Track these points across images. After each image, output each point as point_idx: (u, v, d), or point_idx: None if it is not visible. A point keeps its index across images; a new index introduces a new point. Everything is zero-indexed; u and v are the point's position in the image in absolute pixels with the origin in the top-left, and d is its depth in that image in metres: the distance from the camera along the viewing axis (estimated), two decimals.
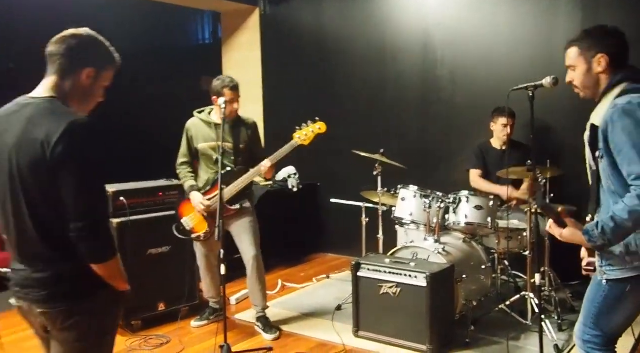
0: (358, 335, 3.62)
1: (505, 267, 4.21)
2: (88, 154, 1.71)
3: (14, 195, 1.75)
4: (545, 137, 4.61)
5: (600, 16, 4.39)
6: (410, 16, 5.24)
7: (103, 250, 1.77)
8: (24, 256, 1.82)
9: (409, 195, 4.06)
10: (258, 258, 3.74)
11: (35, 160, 1.68)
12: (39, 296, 1.79)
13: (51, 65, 1.81)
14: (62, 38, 1.81)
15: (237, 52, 6.39)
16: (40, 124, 1.69)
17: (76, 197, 1.69)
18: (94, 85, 1.86)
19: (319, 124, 3.59)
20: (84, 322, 1.81)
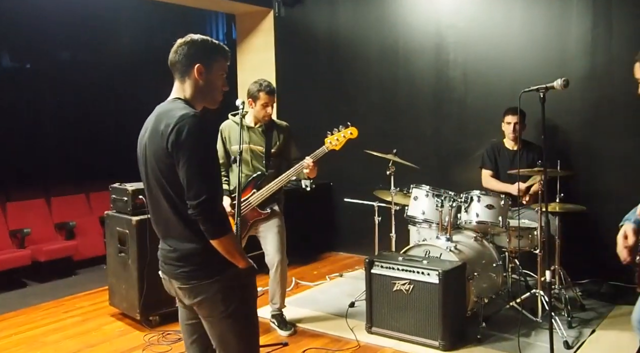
0: (371, 332, 3.69)
1: (515, 266, 4.26)
2: (196, 140, 1.90)
3: (150, 181, 2.03)
4: (556, 137, 4.66)
5: (611, 20, 4.44)
6: (423, 18, 5.31)
7: (216, 226, 1.94)
8: (163, 235, 2.08)
9: (421, 194, 4.13)
10: (283, 262, 3.80)
11: (157, 148, 1.95)
12: (175, 273, 2.03)
13: (174, 73, 2.09)
14: (175, 48, 2.07)
15: (251, 54, 6.49)
16: (162, 120, 1.96)
17: (189, 179, 1.90)
18: (208, 78, 2.06)
19: (351, 129, 3.61)
20: (211, 299, 2.01)
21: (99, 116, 7.17)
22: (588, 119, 4.63)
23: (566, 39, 4.63)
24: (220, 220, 1.95)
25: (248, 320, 2.11)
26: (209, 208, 1.91)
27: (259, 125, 3.80)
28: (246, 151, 3.73)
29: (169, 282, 2.11)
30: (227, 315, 2.03)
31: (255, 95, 3.70)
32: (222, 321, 2.04)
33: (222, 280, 2.00)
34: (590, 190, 4.54)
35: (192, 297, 2.03)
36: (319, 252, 5.96)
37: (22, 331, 4.01)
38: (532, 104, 3.15)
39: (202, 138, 1.93)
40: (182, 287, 2.04)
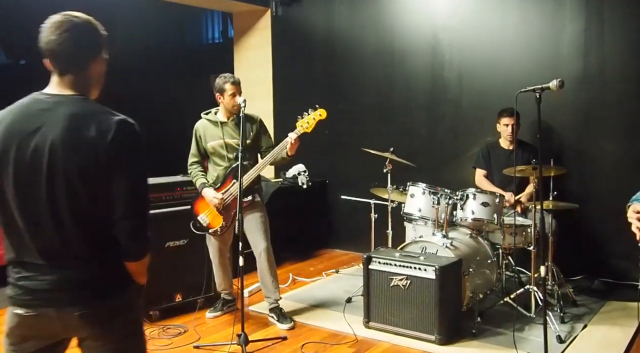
0: (368, 326, 3.76)
1: (509, 262, 4.35)
2: (140, 154, 1.74)
3: (53, 193, 1.67)
4: (550, 137, 4.75)
5: (604, 21, 4.54)
6: (418, 19, 5.39)
7: (146, 247, 1.79)
8: (57, 258, 1.71)
9: (418, 192, 4.20)
10: (268, 250, 3.89)
11: (86, 159, 1.65)
12: (76, 297, 1.71)
13: (59, 63, 1.73)
14: (59, 32, 1.70)
15: (248, 52, 6.53)
16: (88, 124, 1.67)
17: (130, 196, 1.70)
18: (104, 66, 1.83)
19: (320, 110, 3.74)
20: (125, 319, 1.80)
21: None
22: (581, 119, 4.73)
23: (559, 40, 4.73)
24: (149, 241, 1.78)
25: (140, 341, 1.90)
26: (144, 228, 1.76)
27: (232, 119, 3.90)
28: (221, 146, 3.84)
29: (46, 316, 1.71)
30: (140, 332, 1.87)
31: (222, 88, 3.83)
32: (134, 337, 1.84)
33: (125, 297, 1.79)
34: (582, 188, 4.65)
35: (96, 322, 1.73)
36: (315, 248, 6.02)
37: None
38: (526, 104, 3.23)
39: (144, 150, 1.74)
40: (85, 312, 1.71)
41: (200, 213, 3.91)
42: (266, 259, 3.88)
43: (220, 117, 3.91)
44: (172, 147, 7.52)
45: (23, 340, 1.75)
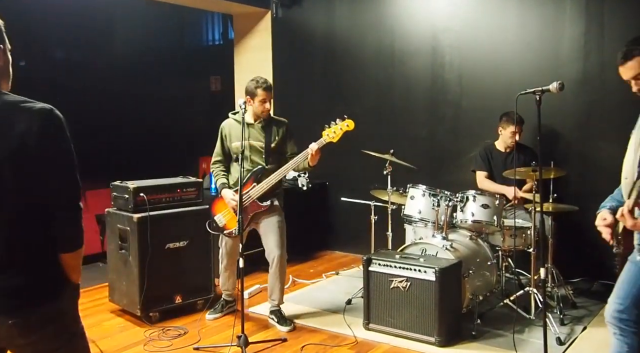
0: (368, 328, 3.76)
1: (509, 264, 4.35)
2: (68, 141, 1.72)
3: None
4: (549, 139, 4.76)
5: (604, 25, 4.55)
6: (419, 21, 5.40)
7: (80, 236, 1.77)
8: None
9: (418, 194, 4.21)
10: (282, 258, 3.90)
11: (14, 152, 1.62)
12: (8, 305, 1.66)
13: None
14: None
15: (248, 54, 6.54)
16: (12, 116, 1.64)
17: (64, 184, 1.71)
18: (7, 57, 1.80)
19: (347, 121, 3.72)
20: (61, 324, 1.77)
21: (95, 115, 7.19)
22: (580, 121, 4.74)
23: (559, 43, 4.74)
24: (83, 230, 1.78)
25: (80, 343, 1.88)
26: (80, 218, 1.76)
27: (258, 121, 3.89)
28: (246, 147, 3.81)
29: None
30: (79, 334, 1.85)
31: (253, 92, 3.81)
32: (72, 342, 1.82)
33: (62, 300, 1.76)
34: (582, 190, 4.64)
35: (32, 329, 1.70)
36: (315, 250, 6.02)
37: None
38: (526, 107, 3.23)
39: (69, 137, 1.73)
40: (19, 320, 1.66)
41: (217, 213, 3.91)
42: (279, 265, 3.89)
43: (247, 119, 3.86)
44: (172, 148, 7.55)
45: None
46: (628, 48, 2.28)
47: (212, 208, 3.94)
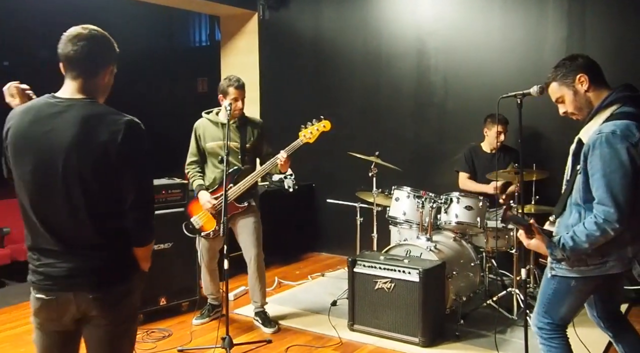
0: (353, 329, 3.78)
1: (492, 265, 4.40)
2: (145, 151, 1.94)
3: (69, 190, 1.85)
4: (533, 141, 4.82)
5: (585, 30, 4.62)
6: (405, 24, 5.44)
7: (151, 234, 2.02)
8: (73, 247, 1.91)
9: (402, 196, 4.24)
10: (259, 257, 3.89)
11: (98, 159, 1.84)
12: (91, 282, 1.92)
13: (72, 68, 1.91)
14: (77, 41, 1.87)
15: (235, 56, 6.55)
16: (99, 126, 1.85)
17: (138, 189, 1.92)
18: (111, 78, 2.03)
19: (324, 122, 3.71)
20: (129, 301, 2.01)
21: None
22: (563, 124, 4.77)
23: (542, 47, 4.80)
24: (153, 228, 2.02)
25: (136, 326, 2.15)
26: (151, 217, 2.00)
27: (233, 121, 3.83)
28: (221, 147, 3.78)
29: (65, 299, 1.91)
30: (137, 316, 2.13)
31: (225, 91, 3.79)
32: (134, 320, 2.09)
33: (132, 281, 2.00)
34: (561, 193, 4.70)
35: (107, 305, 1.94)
36: (301, 252, 6.04)
37: (5, 330, 4.00)
38: (509, 109, 3.28)
39: (147, 146, 1.95)
40: (99, 296, 1.91)
41: (194, 215, 3.89)
42: (257, 266, 3.88)
43: (221, 118, 3.85)
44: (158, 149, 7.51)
45: (48, 321, 1.97)
46: (549, 74, 2.39)
47: (189, 210, 3.92)
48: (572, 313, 2.41)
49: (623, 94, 2.24)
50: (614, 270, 2.21)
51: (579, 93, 2.31)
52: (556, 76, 2.35)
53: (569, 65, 2.33)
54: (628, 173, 2.08)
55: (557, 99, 2.38)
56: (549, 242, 2.22)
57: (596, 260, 2.21)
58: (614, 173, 2.09)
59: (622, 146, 2.09)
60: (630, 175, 2.08)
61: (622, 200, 2.07)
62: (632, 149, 2.09)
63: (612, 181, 2.09)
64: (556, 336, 2.40)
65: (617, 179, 2.08)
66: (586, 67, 2.30)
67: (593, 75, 2.29)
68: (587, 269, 2.23)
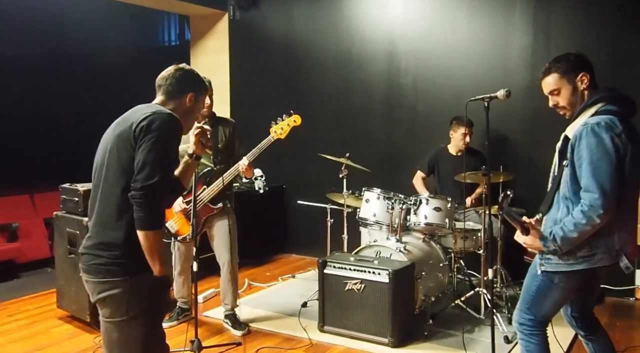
0: (323, 330, 3.78)
1: (461, 266, 4.46)
2: (165, 132, 2.00)
3: (102, 165, 2.06)
4: (499, 144, 4.91)
5: (550, 36, 4.74)
6: (376, 27, 5.49)
7: (152, 216, 1.97)
8: (91, 223, 2.08)
9: (372, 197, 4.27)
10: (234, 261, 3.86)
11: (124, 133, 2.02)
12: (87, 264, 2.01)
13: (159, 91, 2.23)
14: (169, 73, 2.23)
15: (205, 56, 6.49)
16: (137, 111, 2.08)
17: (145, 161, 1.95)
18: (194, 107, 2.25)
19: (294, 116, 3.65)
20: (116, 299, 1.97)
21: (44, 115, 6.98)
22: (528, 127, 4.91)
23: (509, 52, 4.91)
24: (159, 212, 2.00)
25: (150, 332, 2.04)
26: (153, 194, 1.94)
27: (205, 121, 3.77)
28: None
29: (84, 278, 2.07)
30: (128, 319, 1.99)
31: None
32: (121, 325, 1.99)
33: (132, 280, 1.97)
34: (530, 194, 4.78)
35: (97, 293, 2.00)
36: (271, 253, 6.02)
37: None
38: (476, 112, 3.33)
39: (170, 134, 2.03)
40: (90, 281, 2.01)
41: (169, 219, 3.79)
42: (230, 269, 3.86)
43: None
44: None
45: None
46: (549, 65, 2.43)
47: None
48: (554, 310, 2.45)
49: (607, 94, 2.33)
50: (602, 262, 2.26)
51: (577, 90, 2.37)
52: (558, 68, 2.39)
53: (573, 61, 2.38)
54: (613, 161, 2.15)
55: (553, 91, 2.42)
56: (542, 235, 2.26)
57: (585, 253, 2.26)
58: (600, 160, 2.16)
59: (607, 135, 2.17)
60: (615, 163, 2.16)
61: (607, 187, 2.13)
62: (617, 139, 2.18)
63: (598, 168, 2.15)
64: (536, 333, 2.43)
65: (603, 167, 2.15)
66: (589, 67, 2.37)
67: (592, 75, 2.37)
68: (576, 262, 2.27)
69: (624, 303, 4.50)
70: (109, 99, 7.23)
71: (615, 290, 4.52)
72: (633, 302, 4.52)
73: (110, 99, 7.31)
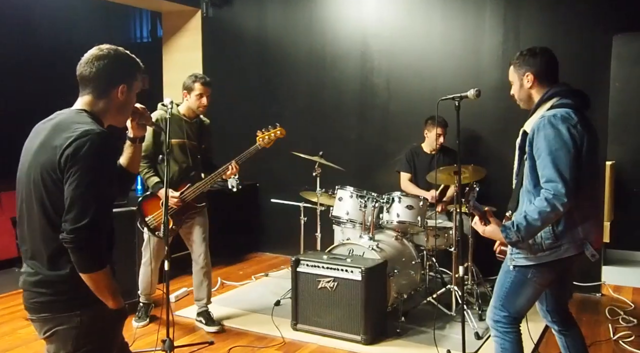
0: (296, 328, 3.79)
1: (433, 263, 4.51)
2: (94, 159, 1.72)
3: (30, 196, 1.80)
4: (471, 143, 4.98)
5: (520, 34, 4.82)
6: (349, 26, 5.50)
7: (89, 259, 1.73)
8: (29, 256, 1.85)
9: (345, 195, 4.28)
10: (208, 256, 3.89)
11: (47, 160, 1.75)
12: (29, 302, 1.81)
13: (84, 87, 1.89)
14: (89, 61, 1.88)
15: (177, 53, 6.42)
16: (61, 131, 1.76)
17: (73, 199, 1.69)
18: (128, 96, 1.94)
19: (279, 129, 3.80)
20: (63, 335, 1.79)
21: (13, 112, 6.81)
22: (499, 126, 4.98)
23: (480, 51, 4.97)
24: (96, 253, 1.73)
25: None
26: (86, 236, 1.69)
27: (195, 120, 3.85)
28: (181, 145, 3.75)
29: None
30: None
31: (190, 87, 3.77)
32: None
33: (81, 315, 1.78)
34: (500, 192, 4.86)
35: (43, 331, 1.81)
36: (244, 252, 5.99)
37: None
38: (448, 111, 3.37)
39: (102, 159, 1.75)
40: (35, 319, 1.82)
41: (149, 214, 3.77)
42: (205, 262, 3.88)
43: (182, 114, 3.80)
44: None
45: None
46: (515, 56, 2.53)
47: (143, 209, 3.78)
48: (528, 306, 2.49)
49: (561, 88, 2.41)
50: (569, 252, 2.31)
51: (523, 86, 2.48)
52: (515, 63, 2.51)
53: (524, 59, 2.48)
54: (571, 150, 2.22)
55: (510, 81, 2.55)
56: (504, 226, 2.29)
57: (551, 245, 2.31)
58: (559, 151, 2.22)
59: (564, 126, 2.24)
60: (573, 153, 2.22)
61: (568, 175, 2.19)
62: (573, 129, 2.25)
63: (558, 158, 2.21)
64: (511, 330, 2.47)
65: (562, 156, 2.21)
66: (537, 66, 2.44)
67: (541, 75, 2.44)
68: (544, 255, 2.32)
69: (590, 298, 4.61)
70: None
71: (582, 286, 4.63)
72: (599, 297, 4.64)
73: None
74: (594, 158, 2.34)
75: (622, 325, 3.98)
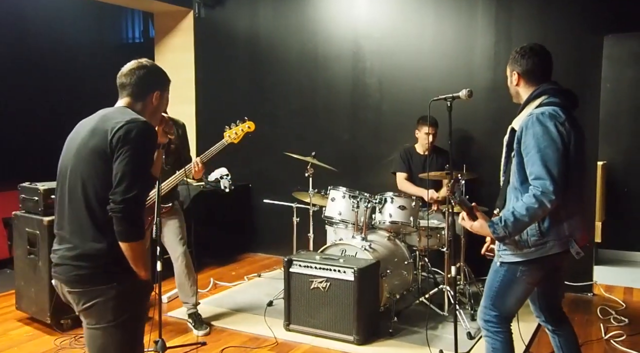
0: (289, 329, 3.78)
1: (425, 263, 4.52)
2: (142, 141, 1.98)
3: (75, 179, 2.00)
4: (464, 143, 5.00)
5: (511, 36, 4.84)
6: (341, 26, 5.51)
7: (134, 228, 1.95)
8: (67, 234, 2.02)
9: (338, 196, 4.28)
10: (186, 254, 3.86)
11: (97, 144, 1.97)
12: (68, 275, 1.97)
13: (124, 91, 2.17)
14: (130, 70, 2.16)
15: (170, 53, 6.40)
16: (110, 119, 2.02)
17: (124, 173, 1.91)
18: (160, 103, 2.23)
19: (248, 123, 3.74)
20: (103, 306, 1.95)
21: (3, 113, 6.78)
22: (491, 127, 5.00)
23: (472, 52, 4.99)
24: (140, 223, 1.96)
25: (134, 336, 2.06)
26: (133, 207, 1.92)
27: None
28: None
29: (61, 288, 2.05)
30: (114, 325, 1.98)
31: None
32: (107, 331, 1.99)
33: (118, 287, 1.96)
34: (492, 192, 4.84)
35: (82, 303, 1.98)
36: (237, 253, 5.98)
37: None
38: (440, 112, 3.38)
39: (148, 142, 2.02)
40: (73, 291, 1.98)
41: None
42: (184, 264, 3.84)
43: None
44: None
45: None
46: None
47: None
48: (518, 305, 2.50)
49: (549, 87, 2.43)
50: (555, 249, 2.33)
51: (512, 83, 2.55)
52: (510, 59, 2.56)
53: (514, 57, 2.53)
54: (559, 148, 2.24)
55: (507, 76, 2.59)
56: (491, 221, 2.30)
57: (537, 242, 2.32)
58: (547, 148, 2.23)
59: (552, 123, 2.26)
60: (561, 150, 2.24)
61: (556, 173, 2.21)
62: (561, 127, 2.27)
63: (546, 155, 2.23)
64: (502, 330, 2.48)
65: (550, 154, 2.23)
66: (523, 67, 2.48)
67: (528, 75, 2.48)
68: (530, 251, 2.33)
69: (582, 298, 4.63)
70: (70, 96, 7.09)
71: (574, 286, 4.65)
72: (591, 297, 4.66)
73: (72, 96, 7.16)
74: (580, 156, 2.36)
75: (614, 325, 4.00)
